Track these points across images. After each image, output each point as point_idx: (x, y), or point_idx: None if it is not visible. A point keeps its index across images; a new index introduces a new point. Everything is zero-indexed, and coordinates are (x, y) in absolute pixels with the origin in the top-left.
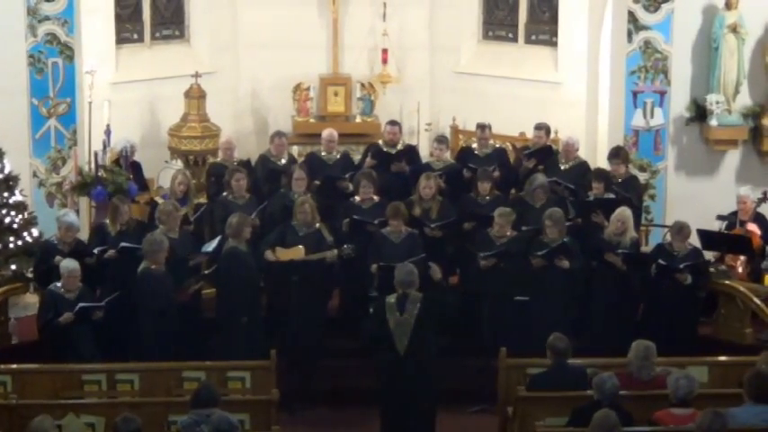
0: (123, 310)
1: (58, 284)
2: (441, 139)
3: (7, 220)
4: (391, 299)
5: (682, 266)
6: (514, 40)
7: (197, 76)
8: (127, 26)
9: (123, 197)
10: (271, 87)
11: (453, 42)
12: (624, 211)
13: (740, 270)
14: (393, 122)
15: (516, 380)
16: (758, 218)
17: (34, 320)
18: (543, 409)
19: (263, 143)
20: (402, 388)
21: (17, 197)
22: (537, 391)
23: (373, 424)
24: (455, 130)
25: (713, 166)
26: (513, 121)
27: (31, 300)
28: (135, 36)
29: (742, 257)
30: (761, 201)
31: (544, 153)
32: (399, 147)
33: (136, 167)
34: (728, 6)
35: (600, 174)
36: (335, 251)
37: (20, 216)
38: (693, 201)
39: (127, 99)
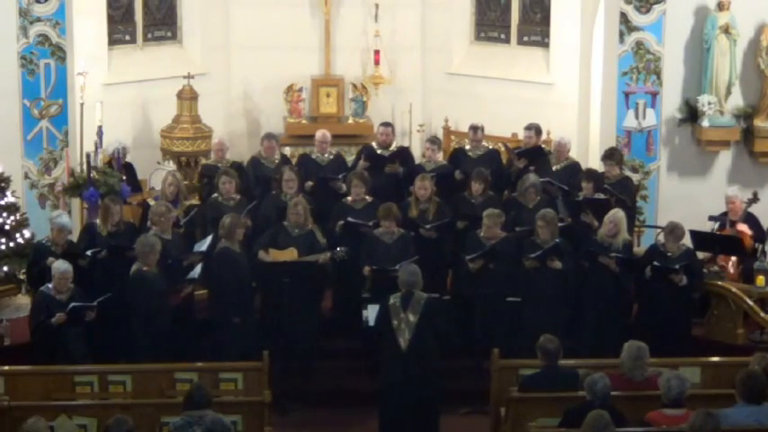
0: (115, 311)
1: (50, 286)
2: (433, 140)
3: None
4: (395, 298)
5: (677, 267)
6: (506, 41)
7: (189, 77)
8: (119, 27)
9: (115, 198)
10: (263, 88)
11: (445, 43)
12: (617, 213)
13: (731, 271)
14: (386, 124)
15: (509, 381)
16: (749, 218)
17: (26, 322)
18: (536, 410)
19: (256, 144)
20: (403, 386)
21: (9, 198)
22: (528, 392)
23: (367, 425)
24: (447, 131)
25: (705, 166)
26: (505, 122)
27: (24, 301)
28: (127, 37)
29: (733, 258)
30: (751, 201)
31: (535, 153)
32: (393, 148)
33: (129, 169)
34: (720, 7)
35: (590, 174)
36: (328, 254)
37: (12, 217)
38: (686, 201)
39: (119, 100)
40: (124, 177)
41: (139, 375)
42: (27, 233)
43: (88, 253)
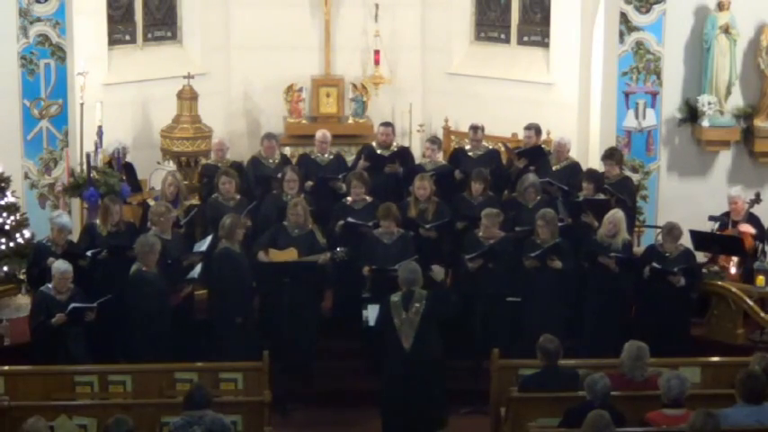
0: (115, 311)
1: (50, 286)
2: (433, 140)
3: None
4: (395, 297)
5: (675, 269)
6: (507, 41)
7: (189, 77)
8: (119, 27)
9: (114, 197)
10: (263, 88)
11: (445, 43)
12: (616, 213)
13: (733, 271)
14: (386, 124)
15: (509, 381)
16: (751, 218)
17: (26, 322)
18: (536, 410)
19: (256, 144)
20: (407, 386)
21: (9, 198)
22: (528, 392)
23: (367, 425)
24: (447, 131)
25: (705, 166)
26: (505, 123)
27: (23, 301)
28: (127, 37)
29: (735, 258)
30: (753, 202)
31: (535, 153)
32: (393, 148)
33: (129, 169)
34: (720, 7)
35: (591, 175)
36: (328, 254)
37: (12, 217)
38: (686, 201)
39: (119, 100)
40: (124, 177)
41: (139, 375)
42: (27, 233)
43: (88, 253)
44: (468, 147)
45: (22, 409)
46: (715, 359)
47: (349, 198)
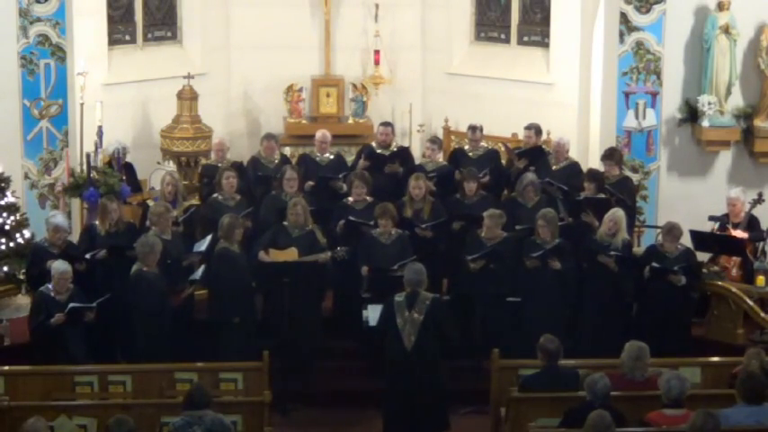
0: (115, 311)
1: (50, 286)
2: (434, 140)
3: None
4: (399, 297)
5: (676, 268)
6: (507, 41)
7: (189, 77)
8: (119, 27)
9: (111, 196)
10: (263, 88)
11: (445, 43)
12: (617, 212)
13: (734, 272)
14: (386, 124)
15: (509, 381)
16: (751, 220)
17: (26, 322)
18: (536, 410)
19: (256, 144)
20: (409, 386)
21: (9, 199)
22: (528, 392)
23: (367, 425)
24: (447, 131)
25: (705, 167)
26: (505, 123)
27: (23, 301)
28: (127, 37)
29: (736, 259)
30: (756, 202)
31: (535, 153)
32: (393, 148)
33: (129, 169)
34: (720, 7)
35: (593, 175)
36: (328, 253)
37: (12, 218)
38: (686, 202)
39: (119, 100)
40: (124, 177)
41: (139, 375)
42: (27, 233)
43: (87, 256)
44: (467, 147)
45: (22, 409)
46: (715, 359)
47: (350, 198)
